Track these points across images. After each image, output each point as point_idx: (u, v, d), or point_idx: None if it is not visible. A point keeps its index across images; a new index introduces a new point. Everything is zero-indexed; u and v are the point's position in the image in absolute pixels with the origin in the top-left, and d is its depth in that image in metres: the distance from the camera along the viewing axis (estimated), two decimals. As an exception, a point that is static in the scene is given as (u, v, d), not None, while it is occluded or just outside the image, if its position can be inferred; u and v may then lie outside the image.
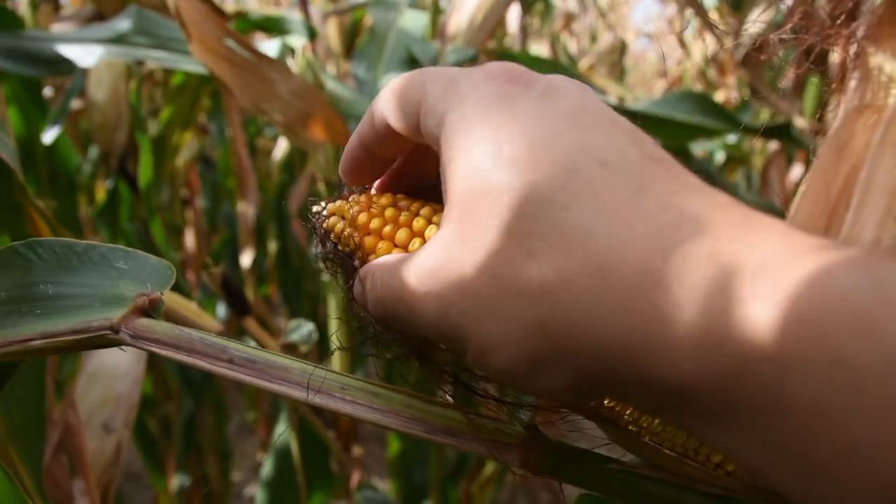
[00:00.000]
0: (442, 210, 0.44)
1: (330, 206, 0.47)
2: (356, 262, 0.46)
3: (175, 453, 2.30)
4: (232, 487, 2.53)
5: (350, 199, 0.47)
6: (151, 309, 0.46)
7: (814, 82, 2.15)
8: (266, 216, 2.75)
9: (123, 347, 0.45)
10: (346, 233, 0.46)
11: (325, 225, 0.47)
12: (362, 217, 0.45)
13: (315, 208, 0.47)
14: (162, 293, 0.47)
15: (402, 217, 0.44)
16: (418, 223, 0.44)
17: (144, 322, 0.44)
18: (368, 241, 0.44)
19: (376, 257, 0.44)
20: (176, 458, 2.31)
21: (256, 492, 1.62)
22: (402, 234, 0.44)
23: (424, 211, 0.44)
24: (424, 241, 0.43)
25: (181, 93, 2.06)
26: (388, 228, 0.44)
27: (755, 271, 0.25)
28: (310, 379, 0.44)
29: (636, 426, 0.44)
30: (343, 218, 0.46)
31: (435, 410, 0.44)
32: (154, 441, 2.30)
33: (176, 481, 2.31)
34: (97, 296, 0.45)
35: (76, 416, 0.94)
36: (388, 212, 0.45)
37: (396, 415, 0.43)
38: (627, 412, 0.43)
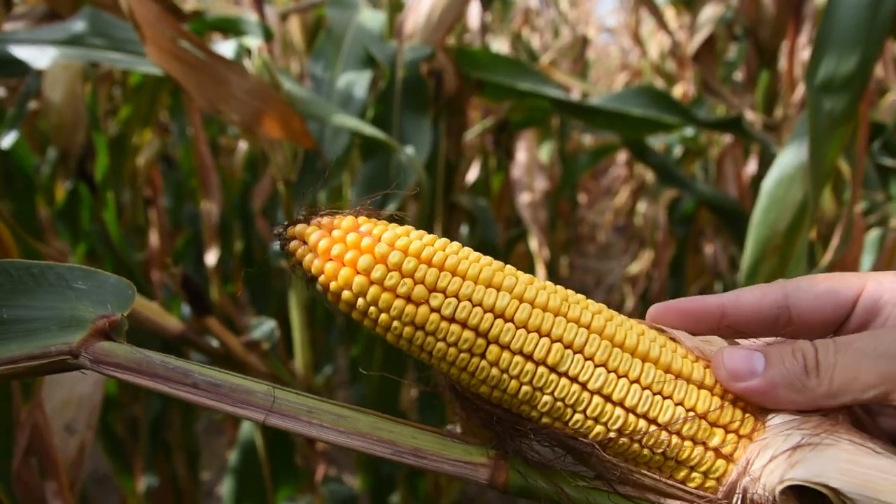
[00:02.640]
0: (406, 234, 0.46)
1: (290, 229, 0.47)
2: (319, 287, 0.46)
3: (143, 454, 2.29)
4: (201, 486, 2.52)
5: (312, 221, 0.47)
6: (112, 331, 0.44)
7: (764, 77, 2.22)
8: (230, 215, 2.75)
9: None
10: (307, 257, 0.46)
11: (287, 248, 0.47)
12: (323, 243, 0.46)
13: (276, 230, 0.48)
14: (123, 314, 0.45)
15: (365, 243, 0.46)
16: (381, 249, 0.45)
17: (105, 345, 0.44)
18: (330, 267, 0.46)
19: (338, 284, 0.45)
20: (143, 459, 2.30)
21: (224, 486, 1.63)
22: (365, 261, 0.45)
23: (387, 236, 0.46)
24: (387, 267, 0.45)
25: (139, 92, 2.05)
26: (350, 255, 0.45)
27: None
28: (274, 402, 0.44)
29: (618, 454, 0.47)
30: (304, 242, 0.47)
31: (403, 432, 0.46)
32: (121, 442, 2.28)
33: (144, 482, 2.30)
34: (55, 319, 0.44)
35: (44, 417, 0.93)
36: (350, 237, 0.46)
37: (363, 437, 0.44)
38: (620, 442, 0.46)
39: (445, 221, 2.00)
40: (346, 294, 0.45)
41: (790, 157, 1.20)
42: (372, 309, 0.45)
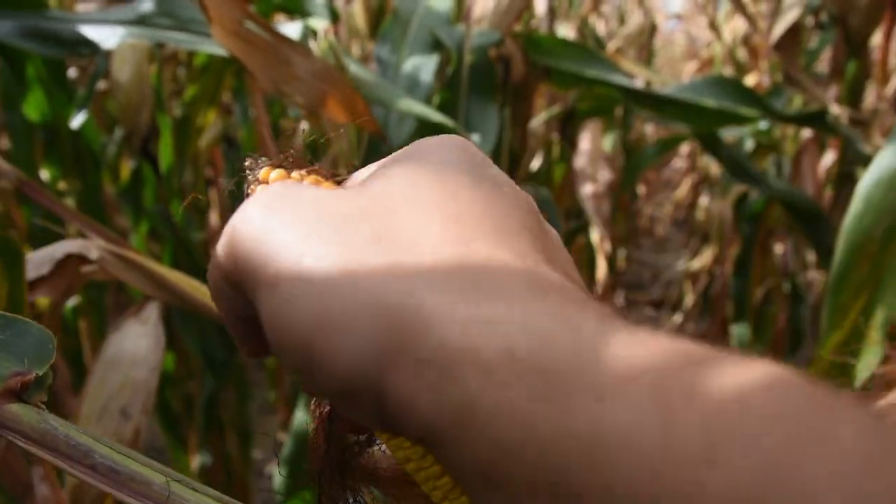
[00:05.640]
0: None
1: (264, 171, 0.36)
2: None
3: (197, 431, 2.33)
4: (253, 465, 2.55)
5: (293, 174, 0.36)
6: (23, 391, 0.40)
7: (852, 68, 2.08)
8: (289, 197, 2.75)
9: (143, 333, 0.42)
10: None
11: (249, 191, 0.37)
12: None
13: (248, 162, 0.37)
14: (39, 373, 0.41)
15: None
16: None
17: (13, 409, 0.39)
18: None
19: None
20: (198, 436, 2.34)
21: (275, 471, 1.63)
22: None
23: None
24: None
25: (205, 72, 2.05)
26: None
27: None
28: (168, 496, 0.39)
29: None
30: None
31: None
32: (177, 419, 2.32)
33: (197, 460, 2.34)
34: None
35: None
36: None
37: None
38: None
39: (506, 212, 1.95)
40: None
41: (889, 157, 1.10)
42: None
